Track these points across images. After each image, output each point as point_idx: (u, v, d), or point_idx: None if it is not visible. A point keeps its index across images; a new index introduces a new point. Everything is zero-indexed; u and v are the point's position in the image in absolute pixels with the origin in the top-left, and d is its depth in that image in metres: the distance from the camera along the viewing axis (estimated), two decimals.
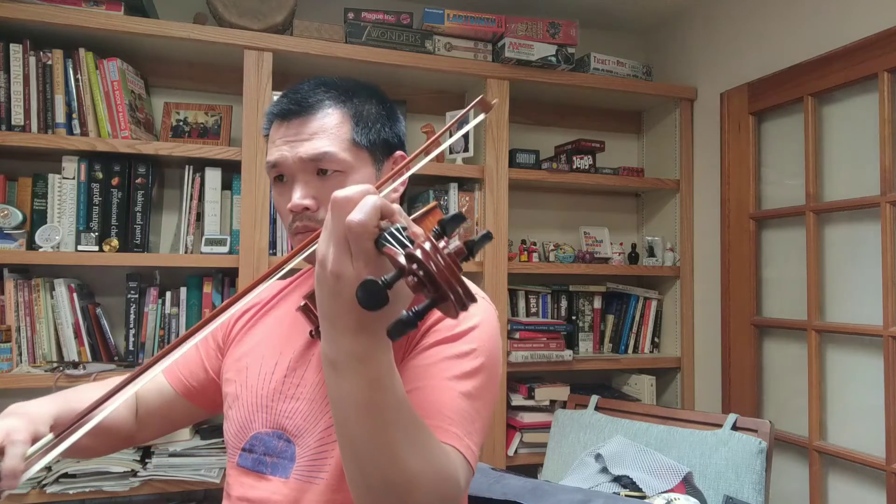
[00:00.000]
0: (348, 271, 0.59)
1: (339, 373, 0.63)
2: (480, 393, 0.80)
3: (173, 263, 1.93)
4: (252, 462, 0.89)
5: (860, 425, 1.81)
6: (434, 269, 0.52)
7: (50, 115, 1.83)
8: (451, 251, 0.54)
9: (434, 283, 0.52)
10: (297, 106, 0.88)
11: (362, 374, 0.62)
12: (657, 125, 2.61)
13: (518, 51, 2.15)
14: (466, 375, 0.79)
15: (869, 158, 1.78)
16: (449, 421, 0.75)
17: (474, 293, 0.86)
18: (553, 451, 2.05)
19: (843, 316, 1.88)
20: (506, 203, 2.17)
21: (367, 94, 0.93)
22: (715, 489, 1.71)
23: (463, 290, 0.53)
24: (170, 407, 1.03)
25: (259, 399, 0.91)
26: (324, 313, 0.63)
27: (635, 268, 2.44)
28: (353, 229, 0.58)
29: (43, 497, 1.73)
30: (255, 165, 1.91)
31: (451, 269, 0.53)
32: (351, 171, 0.87)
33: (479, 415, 0.79)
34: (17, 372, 1.80)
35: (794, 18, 2.03)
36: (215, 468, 1.85)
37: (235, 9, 1.93)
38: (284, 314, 0.99)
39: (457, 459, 0.72)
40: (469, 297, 0.53)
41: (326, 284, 0.61)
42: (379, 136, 0.91)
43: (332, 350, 0.63)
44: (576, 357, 2.28)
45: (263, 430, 0.89)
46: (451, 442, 0.73)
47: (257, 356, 0.95)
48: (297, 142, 0.86)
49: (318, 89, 0.90)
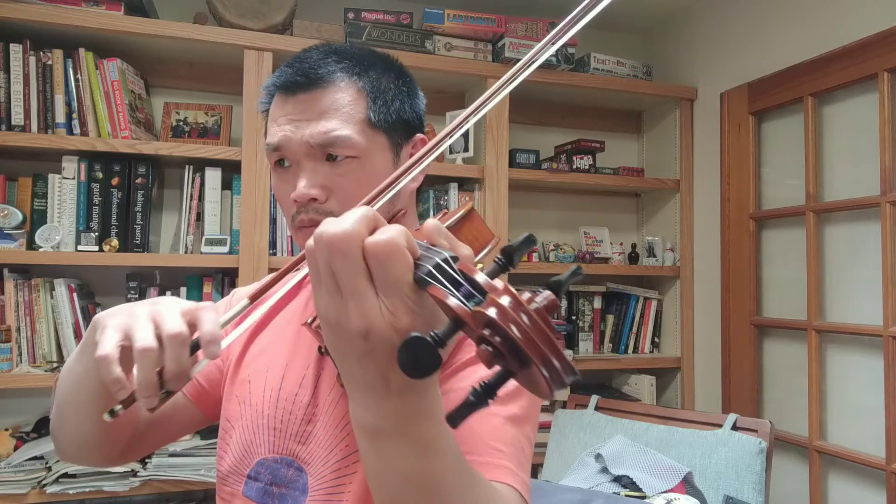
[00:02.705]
0: (378, 322, 0.45)
1: (382, 442, 0.50)
2: (527, 415, 0.69)
3: (173, 263, 1.93)
4: (257, 493, 0.76)
5: (860, 425, 1.81)
6: (518, 334, 0.37)
7: (50, 115, 1.82)
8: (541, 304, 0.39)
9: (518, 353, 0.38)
10: (304, 77, 0.74)
11: (413, 438, 0.50)
12: (657, 125, 2.61)
13: (518, 51, 2.15)
14: (510, 398, 0.68)
15: (869, 158, 1.78)
16: (500, 455, 0.64)
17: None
18: (553, 451, 2.05)
19: (843, 316, 1.88)
20: (506, 203, 2.17)
21: (384, 66, 0.80)
22: (715, 489, 1.71)
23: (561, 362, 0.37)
24: (173, 409, 0.90)
25: (266, 420, 0.78)
26: (355, 382, 0.49)
27: (635, 268, 2.44)
28: (377, 253, 0.44)
29: (43, 497, 1.73)
30: (255, 165, 1.91)
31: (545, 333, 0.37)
32: (365, 157, 0.75)
33: (528, 440, 0.69)
34: (17, 372, 1.80)
35: (794, 18, 2.03)
36: (215, 468, 1.85)
37: (235, 9, 1.93)
38: (286, 323, 0.86)
39: (512, 498, 0.62)
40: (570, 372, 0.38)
41: (351, 349, 0.47)
42: (398, 116, 0.78)
43: (371, 417, 0.50)
44: (576, 357, 2.28)
45: (269, 455, 0.77)
46: (504, 480, 0.63)
47: (261, 367, 0.82)
48: (303, 121, 0.74)
49: (329, 58, 0.76)
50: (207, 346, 0.56)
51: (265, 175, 1.91)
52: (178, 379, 0.56)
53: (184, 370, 0.56)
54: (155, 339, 0.56)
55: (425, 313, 0.46)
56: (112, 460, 0.85)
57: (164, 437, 0.91)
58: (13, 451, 1.79)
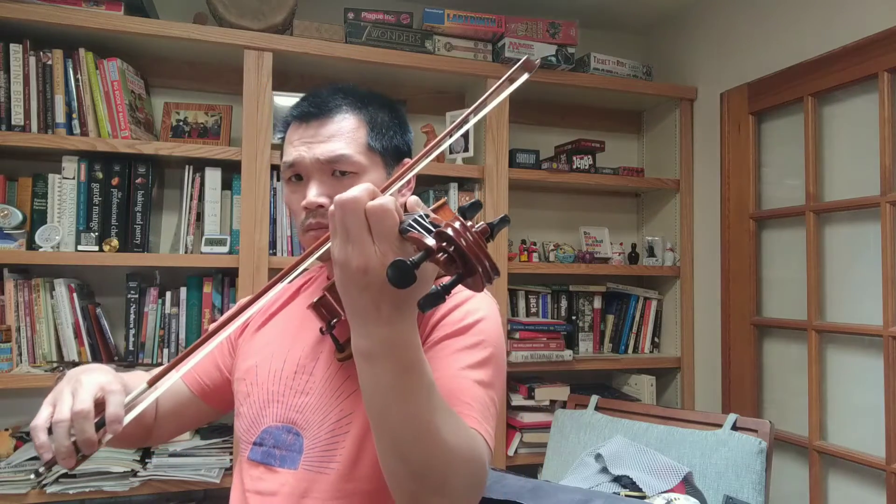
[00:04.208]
0: (373, 260, 0.61)
1: (376, 362, 0.65)
2: (492, 381, 0.84)
3: (173, 263, 1.93)
4: (261, 455, 0.91)
5: (860, 425, 1.81)
6: (464, 244, 0.56)
7: (50, 115, 1.82)
8: (478, 230, 0.58)
9: (464, 257, 0.56)
10: (316, 109, 0.92)
11: (398, 359, 0.65)
12: (657, 125, 2.61)
13: (518, 51, 2.15)
14: (478, 365, 0.83)
15: (869, 158, 1.78)
16: (468, 407, 0.78)
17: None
18: (553, 451, 2.05)
19: (843, 316, 1.88)
20: (506, 203, 2.17)
21: (380, 104, 0.97)
22: (715, 489, 1.71)
23: (490, 263, 0.57)
24: (183, 407, 1.05)
25: (269, 395, 0.93)
26: (355, 311, 0.65)
27: (635, 268, 2.44)
28: (377, 213, 0.60)
29: (43, 497, 1.73)
30: (255, 165, 1.91)
31: (480, 244, 0.57)
32: (364, 173, 0.91)
33: (493, 402, 0.83)
34: (17, 372, 1.80)
35: (793, 18, 2.03)
36: (215, 468, 1.85)
37: (235, 9, 1.93)
38: (293, 313, 1.02)
39: (481, 441, 0.76)
40: (495, 270, 0.57)
41: (354, 283, 0.63)
42: (391, 143, 0.95)
43: (366, 342, 0.65)
44: (576, 357, 2.28)
45: (273, 423, 0.91)
46: (473, 426, 0.77)
47: (267, 354, 0.97)
48: (314, 143, 0.91)
49: (337, 95, 0.95)
50: (110, 426, 0.71)
51: (265, 175, 1.91)
52: (87, 446, 0.70)
53: (89, 440, 0.70)
54: (69, 413, 0.70)
55: (406, 254, 0.61)
56: (134, 445, 1.11)
57: (180, 428, 1.08)
58: (13, 451, 1.79)
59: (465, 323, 0.86)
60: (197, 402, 1.05)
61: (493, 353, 0.85)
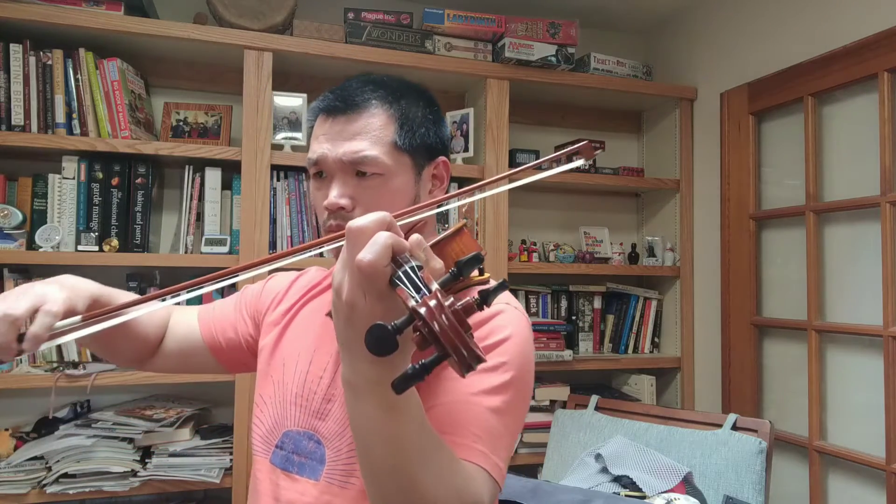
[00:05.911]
0: (361, 303, 0.58)
1: (358, 397, 0.63)
2: (509, 408, 0.78)
3: (173, 263, 1.93)
4: (281, 460, 0.88)
5: (860, 425, 1.81)
6: (437, 328, 0.50)
7: (50, 115, 1.83)
8: (458, 308, 0.52)
9: (437, 342, 0.51)
10: (342, 103, 0.87)
11: (380, 399, 0.62)
12: (657, 125, 2.61)
13: (518, 51, 2.15)
14: (495, 391, 0.77)
15: (869, 158, 1.78)
16: (474, 438, 0.73)
17: (506, 302, 0.87)
18: (553, 451, 2.05)
19: (843, 316, 1.88)
20: (506, 203, 2.17)
21: (415, 96, 0.91)
22: (715, 489, 1.71)
23: (468, 351, 0.50)
24: (192, 349, 1.05)
25: (293, 397, 0.90)
26: (341, 339, 0.62)
27: (635, 268, 2.44)
28: (364, 270, 0.56)
29: (43, 497, 1.73)
30: (255, 165, 1.91)
31: (456, 329, 0.51)
32: (390, 175, 0.85)
33: (508, 430, 0.77)
34: (17, 372, 1.80)
35: (794, 18, 2.03)
36: (215, 468, 1.85)
37: (235, 9, 1.93)
38: (316, 312, 0.98)
39: (480, 478, 0.71)
40: (475, 359, 0.51)
41: (342, 312, 0.60)
42: (423, 141, 0.89)
43: (350, 374, 0.63)
44: (576, 357, 2.28)
45: (295, 428, 0.89)
46: (476, 460, 0.72)
47: (293, 352, 0.94)
48: (339, 140, 0.85)
49: (367, 87, 0.88)
50: (26, 342, 0.73)
51: (265, 175, 1.91)
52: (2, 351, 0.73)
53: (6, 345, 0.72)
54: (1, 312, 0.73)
55: (394, 305, 0.58)
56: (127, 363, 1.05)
57: (183, 367, 1.07)
58: (13, 451, 1.79)
59: (489, 342, 0.79)
60: (206, 352, 1.04)
61: (514, 376, 0.79)
